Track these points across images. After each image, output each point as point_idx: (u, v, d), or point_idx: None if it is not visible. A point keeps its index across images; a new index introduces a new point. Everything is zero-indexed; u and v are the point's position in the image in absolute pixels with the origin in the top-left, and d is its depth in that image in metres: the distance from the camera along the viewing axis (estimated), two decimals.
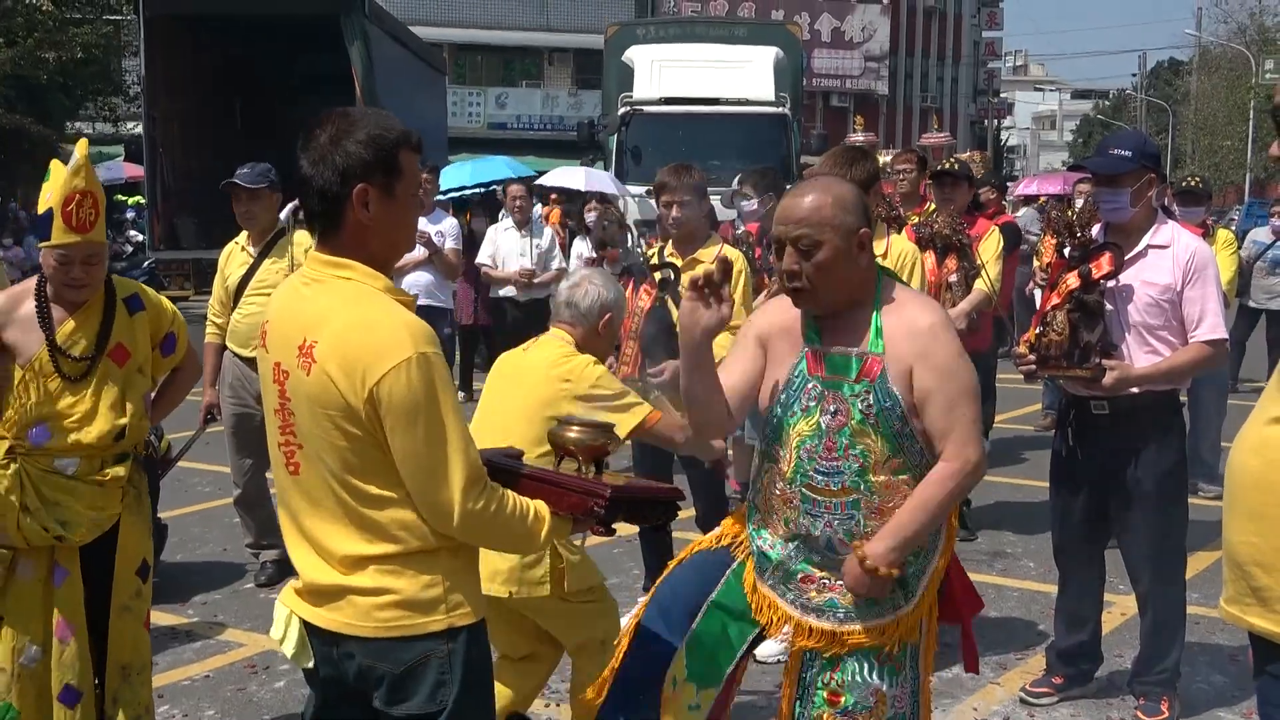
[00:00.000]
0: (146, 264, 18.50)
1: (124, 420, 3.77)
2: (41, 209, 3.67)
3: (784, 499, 3.01)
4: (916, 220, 6.70)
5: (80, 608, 3.75)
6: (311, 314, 2.51)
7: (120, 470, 3.82)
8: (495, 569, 3.60)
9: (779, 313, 3.09)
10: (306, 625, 2.59)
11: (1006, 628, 5.55)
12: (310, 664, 2.63)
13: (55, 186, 3.63)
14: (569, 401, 3.75)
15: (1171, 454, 4.44)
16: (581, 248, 10.10)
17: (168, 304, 4.05)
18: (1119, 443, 4.42)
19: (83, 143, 3.76)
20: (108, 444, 3.75)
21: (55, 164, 3.75)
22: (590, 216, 8.95)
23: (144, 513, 3.93)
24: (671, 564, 3.36)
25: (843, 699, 2.98)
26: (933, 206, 7.50)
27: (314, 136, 2.52)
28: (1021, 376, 4.60)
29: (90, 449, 3.72)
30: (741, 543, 3.20)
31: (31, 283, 3.82)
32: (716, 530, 3.32)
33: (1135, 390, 4.33)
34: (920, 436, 2.92)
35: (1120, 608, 5.53)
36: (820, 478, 2.93)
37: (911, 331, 2.91)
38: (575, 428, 2.74)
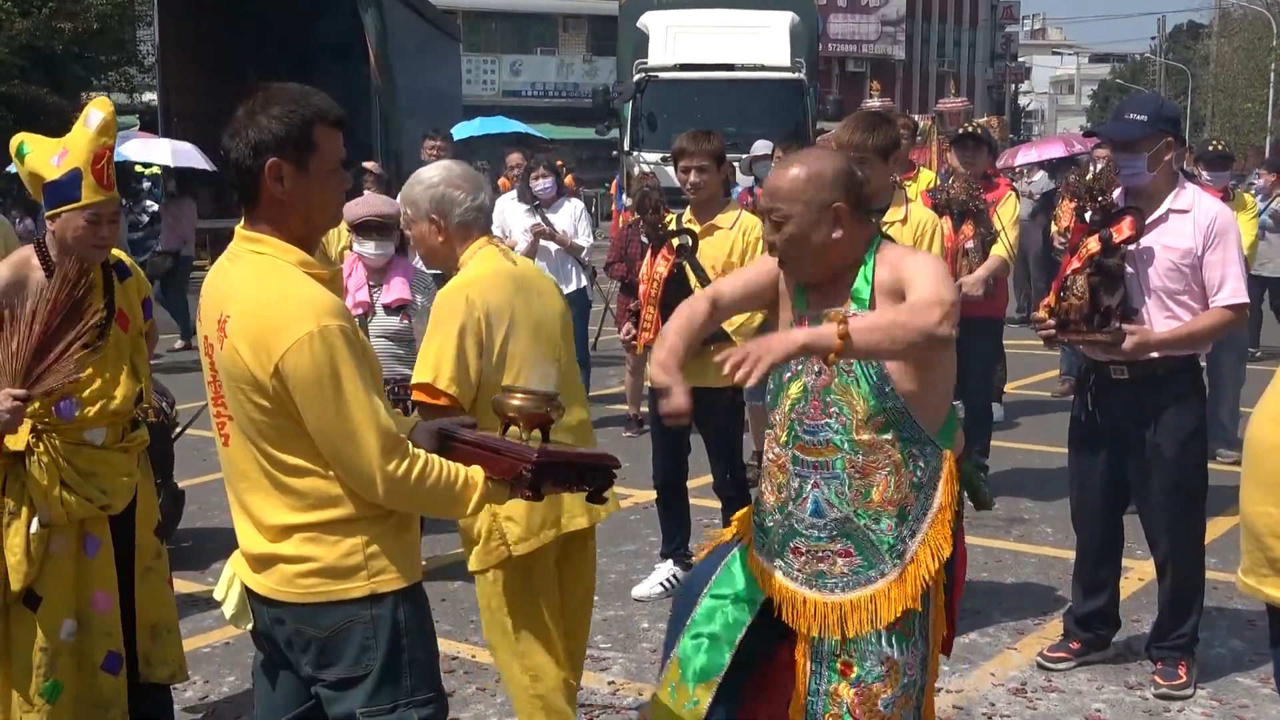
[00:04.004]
0: None
1: (141, 384, 3.78)
2: (58, 173, 3.58)
3: (778, 463, 3.06)
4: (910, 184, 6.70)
5: (113, 575, 3.76)
6: (226, 289, 2.55)
7: (143, 434, 3.86)
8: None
9: None
10: (249, 590, 2.66)
11: (1024, 593, 5.54)
12: (249, 626, 2.70)
13: (78, 146, 3.57)
14: None
15: (1191, 419, 4.42)
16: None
17: (139, 270, 4.05)
18: (1138, 408, 4.40)
19: (105, 100, 3.74)
20: (130, 408, 3.76)
21: (29, 136, 3.69)
22: (540, 184, 8.57)
23: (150, 473, 3.98)
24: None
25: (855, 670, 2.98)
26: (921, 171, 7.49)
27: (237, 110, 2.53)
28: (1041, 341, 4.58)
29: (117, 415, 3.72)
30: (749, 530, 3.22)
31: (26, 252, 3.74)
32: (732, 526, 3.35)
33: (1155, 355, 4.31)
34: (902, 395, 2.93)
35: (1138, 573, 5.52)
36: (808, 438, 2.99)
37: (896, 276, 2.93)
38: (518, 395, 2.74)
